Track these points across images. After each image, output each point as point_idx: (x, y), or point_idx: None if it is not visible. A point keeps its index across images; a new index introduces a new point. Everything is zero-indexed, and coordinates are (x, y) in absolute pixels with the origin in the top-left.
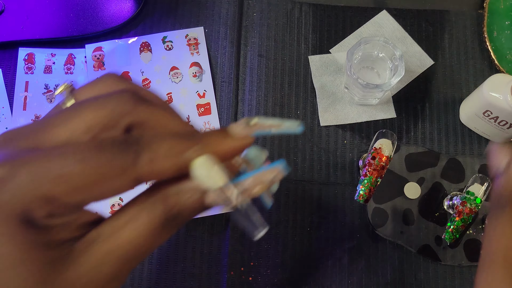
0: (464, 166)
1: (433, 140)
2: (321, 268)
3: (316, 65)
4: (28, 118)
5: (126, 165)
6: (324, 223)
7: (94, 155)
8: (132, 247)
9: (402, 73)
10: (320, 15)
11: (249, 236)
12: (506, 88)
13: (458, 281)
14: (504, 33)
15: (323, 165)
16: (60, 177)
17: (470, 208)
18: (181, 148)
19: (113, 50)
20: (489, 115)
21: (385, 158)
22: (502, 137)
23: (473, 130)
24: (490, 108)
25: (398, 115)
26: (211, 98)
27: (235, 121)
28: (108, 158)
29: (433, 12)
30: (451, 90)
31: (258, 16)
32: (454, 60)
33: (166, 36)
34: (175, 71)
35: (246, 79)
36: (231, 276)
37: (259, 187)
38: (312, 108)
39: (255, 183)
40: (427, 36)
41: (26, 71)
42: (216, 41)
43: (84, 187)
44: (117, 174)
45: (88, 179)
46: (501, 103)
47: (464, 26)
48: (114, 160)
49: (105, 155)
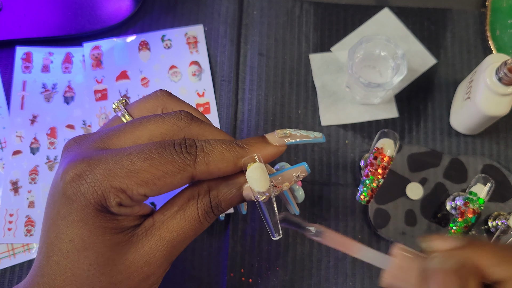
0: (467, 166)
1: (435, 140)
2: (322, 270)
3: (317, 64)
4: (26, 117)
5: (186, 164)
6: (325, 224)
7: (160, 154)
8: (181, 233)
9: (404, 72)
10: (321, 13)
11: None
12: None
13: None
14: (506, 32)
15: (324, 165)
16: (130, 172)
17: (473, 209)
18: (230, 154)
19: (111, 48)
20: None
21: (387, 158)
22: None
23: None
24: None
25: (400, 115)
26: (210, 97)
27: (235, 121)
28: (171, 157)
29: (435, 11)
30: (453, 89)
31: (258, 14)
32: (457, 59)
33: (165, 34)
34: (174, 70)
35: (246, 78)
36: (231, 278)
37: (286, 184)
38: (313, 108)
39: (283, 179)
40: (429, 35)
41: (23, 70)
42: (215, 40)
43: (150, 181)
44: (178, 171)
45: (154, 174)
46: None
47: (467, 25)
48: (176, 159)
49: (168, 154)
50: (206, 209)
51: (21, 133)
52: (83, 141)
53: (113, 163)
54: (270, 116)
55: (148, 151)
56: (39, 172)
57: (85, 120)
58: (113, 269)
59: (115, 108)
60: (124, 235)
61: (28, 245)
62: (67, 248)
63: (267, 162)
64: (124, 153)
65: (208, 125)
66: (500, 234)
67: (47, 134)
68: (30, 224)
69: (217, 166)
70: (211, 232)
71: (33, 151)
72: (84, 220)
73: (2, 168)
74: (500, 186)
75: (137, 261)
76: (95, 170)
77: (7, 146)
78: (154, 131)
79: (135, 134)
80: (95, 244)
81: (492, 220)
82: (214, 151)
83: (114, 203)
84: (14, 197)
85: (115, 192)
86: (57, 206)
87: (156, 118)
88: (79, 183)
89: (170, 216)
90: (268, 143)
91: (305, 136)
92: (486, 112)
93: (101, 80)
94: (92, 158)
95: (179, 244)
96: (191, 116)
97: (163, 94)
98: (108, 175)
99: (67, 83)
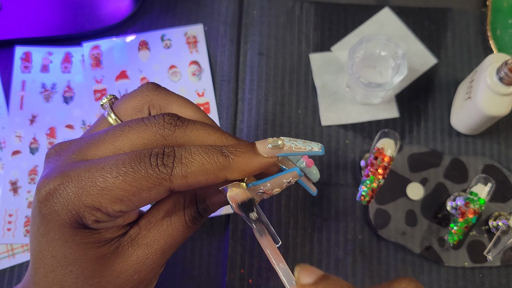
0: (468, 166)
1: (436, 140)
2: (322, 270)
3: (317, 64)
4: (25, 117)
5: (161, 178)
6: (326, 225)
7: (133, 168)
8: (169, 240)
9: (404, 71)
10: (321, 13)
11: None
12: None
13: (461, 283)
14: (507, 32)
15: (324, 165)
16: (103, 190)
17: (474, 209)
18: (211, 165)
19: (111, 48)
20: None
21: (387, 159)
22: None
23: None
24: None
25: (400, 115)
26: (210, 97)
27: (235, 121)
28: (144, 172)
29: (435, 10)
30: (454, 89)
31: (258, 14)
32: (457, 59)
33: (164, 34)
34: (173, 70)
35: (246, 78)
36: (231, 278)
37: (277, 189)
38: (313, 108)
39: (273, 186)
40: (429, 35)
41: (23, 70)
42: (215, 39)
43: (125, 197)
44: (153, 186)
45: (127, 191)
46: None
47: (467, 25)
48: (151, 173)
49: (142, 168)
50: (193, 214)
51: (20, 133)
52: (64, 150)
53: (86, 180)
54: (270, 116)
55: (121, 165)
56: (38, 172)
57: (84, 120)
58: (101, 280)
59: (102, 105)
60: (108, 247)
61: (28, 245)
62: (51, 263)
63: (253, 174)
64: (98, 168)
65: (195, 127)
66: (501, 235)
67: (46, 134)
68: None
69: (196, 179)
70: (211, 232)
71: (32, 151)
72: (63, 238)
73: (2, 168)
74: (500, 186)
75: (126, 270)
76: (67, 188)
77: (6, 146)
78: (136, 141)
79: (115, 144)
80: (78, 259)
81: (493, 220)
82: (194, 162)
83: (91, 221)
84: (14, 197)
85: (89, 210)
86: (36, 223)
87: (138, 126)
88: (52, 202)
89: (156, 223)
90: (257, 153)
91: (301, 148)
92: (486, 112)
93: (101, 80)
94: (66, 174)
95: (169, 249)
96: (174, 122)
97: (149, 89)
98: (81, 194)
99: (66, 83)
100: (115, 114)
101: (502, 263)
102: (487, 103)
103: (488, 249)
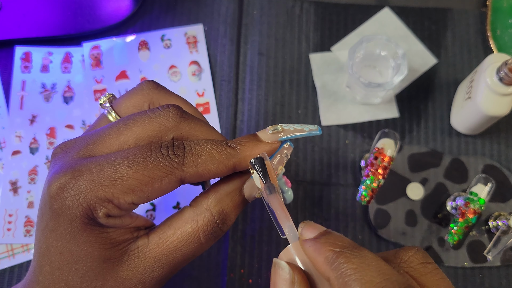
0: (468, 166)
1: (436, 140)
2: None
3: (317, 64)
4: (25, 117)
5: (173, 167)
6: (326, 225)
7: (145, 158)
8: (178, 256)
9: (405, 71)
10: (321, 13)
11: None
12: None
13: (461, 283)
14: (507, 32)
15: (324, 165)
16: (115, 180)
17: (474, 209)
18: (220, 155)
19: (111, 48)
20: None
21: (387, 159)
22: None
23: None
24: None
25: (400, 115)
26: (210, 97)
27: (235, 121)
28: (157, 161)
29: (435, 10)
30: (454, 89)
31: (258, 14)
32: (457, 59)
33: (164, 34)
34: (173, 70)
35: (246, 78)
36: (231, 278)
37: (280, 167)
38: (313, 108)
39: (276, 165)
40: (429, 35)
41: (23, 70)
42: (215, 39)
43: (137, 188)
44: (165, 175)
45: (140, 180)
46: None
47: (467, 25)
48: (163, 162)
49: (154, 158)
50: (210, 229)
51: (20, 133)
52: (70, 148)
53: (97, 172)
54: (270, 116)
55: (133, 156)
56: (38, 172)
57: (84, 120)
58: (105, 284)
59: (101, 104)
60: (114, 251)
61: (28, 245)
62: (57, 260)
63: None
64: (108, 161)
65: (198, 122)
66: (501, 235)
67: (46, 134)
68: (30, 225)
69: (206, 168)
70: None
71: (32, 151)
72: (72, 234)
73: (2, 168)
74: (500, 186)
75: (130, 279)
76: (79, 181)
77: (6, 146)
78: (141, 133)
79: (120, 138)
80: (85, 258)
81: (493, 220)
82: (203, 152)
83: (101, 214)
84: (14, 197)
85: (101, 202)
86: (45, 219)
87: (142, 118)
88: (63, 197)
89: (166, 239)
90: (260, 141)
91: (299, 130)
92: (486, 112)
93: (101, 80)
94: (76, 169)
95: (177, 265)
96: (180, 113)
97: (149, 87)
98: (93, 186)
99: (66, 83)
100: (116, 112)
101: (502, 263)
102: (487, 103)
103: (488, 249)
